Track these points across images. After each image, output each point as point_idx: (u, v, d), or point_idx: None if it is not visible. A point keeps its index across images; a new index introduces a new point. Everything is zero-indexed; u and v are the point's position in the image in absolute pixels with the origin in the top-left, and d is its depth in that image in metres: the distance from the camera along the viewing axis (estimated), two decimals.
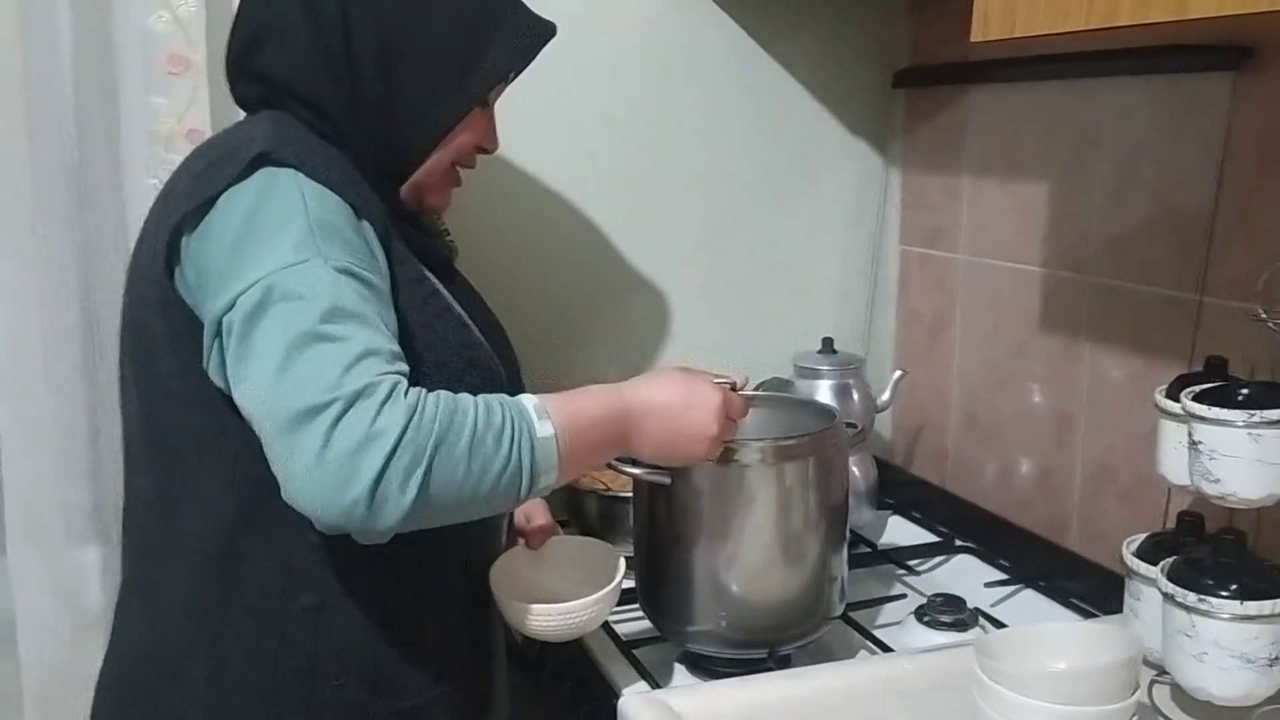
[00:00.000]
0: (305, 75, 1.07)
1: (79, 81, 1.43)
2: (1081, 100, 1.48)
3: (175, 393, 1.04)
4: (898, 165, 1.87)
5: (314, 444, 0.89)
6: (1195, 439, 1.06)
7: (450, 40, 1.09)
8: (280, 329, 0.92)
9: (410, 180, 1.14)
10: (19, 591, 1.49)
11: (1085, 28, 0.97)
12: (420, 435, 0.91)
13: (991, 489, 1.68)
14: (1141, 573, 1.13)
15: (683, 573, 1.24)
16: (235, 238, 0.97)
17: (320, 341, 0.92)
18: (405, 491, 0.90)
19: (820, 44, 1.80)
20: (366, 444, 0.89)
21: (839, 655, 1.31)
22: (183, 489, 1.06)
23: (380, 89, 1.08)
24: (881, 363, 1.88)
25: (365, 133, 1.09)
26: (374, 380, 0.92)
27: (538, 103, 1.68)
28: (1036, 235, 1.58)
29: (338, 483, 0.89)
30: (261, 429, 0.93)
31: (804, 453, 1.22)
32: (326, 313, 0.93)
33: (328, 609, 1.06)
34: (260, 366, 0.92)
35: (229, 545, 1.05)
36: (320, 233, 0.97)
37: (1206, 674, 1.02)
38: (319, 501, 0.90)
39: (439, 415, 0.93)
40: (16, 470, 1.47)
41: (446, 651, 1.14)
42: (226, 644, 1.06)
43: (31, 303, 1.44)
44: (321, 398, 0.89)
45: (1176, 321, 1.34)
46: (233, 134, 1.08)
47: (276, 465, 0.92)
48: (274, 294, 0.93)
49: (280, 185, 0.99)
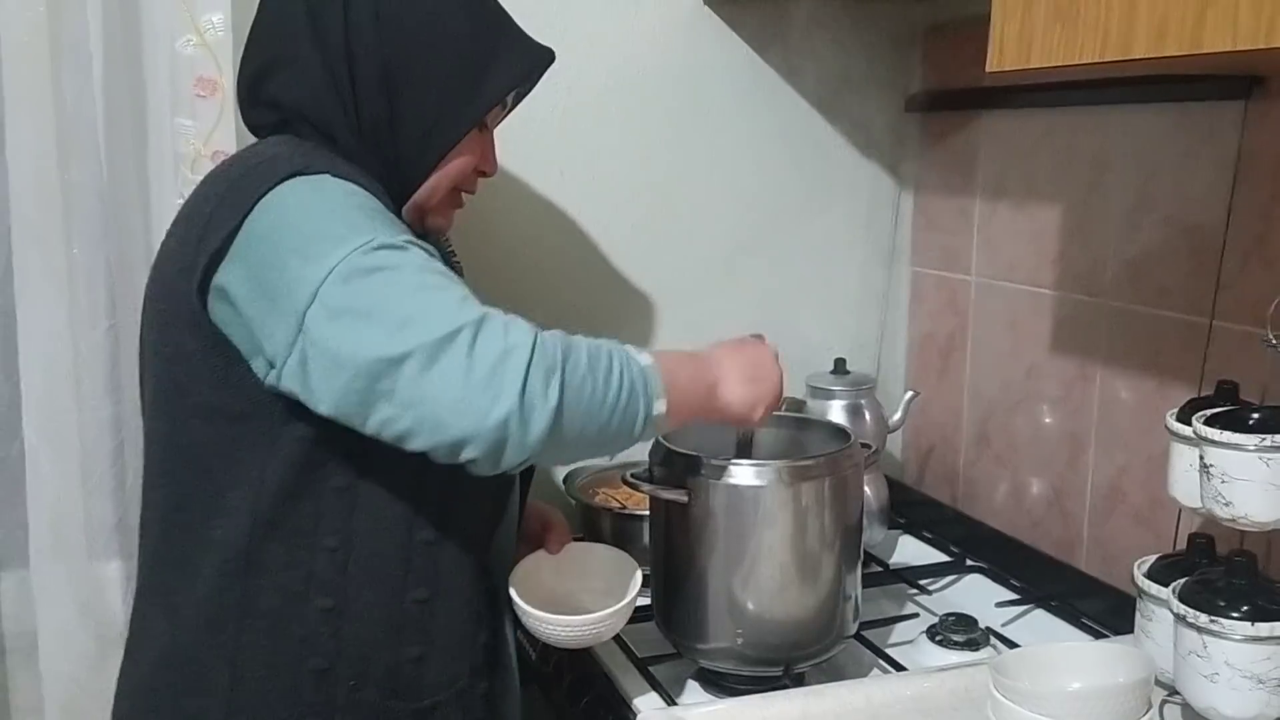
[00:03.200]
0: (315, 101, 1.12)
1: (109, 104, 1.45)
2: (1094, 126, 1.50)
3: (207, 407, 1.07)
4: (911, 188, 1.89)
5: (457, 367, 0.94)
6: (1207, 462, 1.07)
7: (451, 67, 1.14)
8: (382, 292, 0.97)
9: (411, 201, 1.18)
10: (42, 605, 1.51)
11: (1100, 59, 0.99)
12: (548, 348, 0.98)
13: (1003, 509, 1.70)
14: (1153, 593, 1.14)
15: (699, 591, 1.25)
16: (290, 238, 1.00)
17: (424, 290, 0.98)
18: (549, 397, 0.96)
19: (835, 69, 1.83)
20: (506, 356, 0.95)
21: (852, 674, 1.32)
22: (209, 499, 1.08)
23: (384, 113, 1.13)
24: (894, 383, 1.90)
25: (372, 155, 1.13)
26: (488, 310, 0.99)
27: (556, 129, 1.71)
28: (1049, 258, 1.59)
29: (489, 396, 0.94)
30: (384, 386, 0.95)
31: (820, 473, 1.24)
32: (417, 270, 0.99)
33: (346, 612, 1.09)
34: (373, 328, 0.95)
35: (250, 553, 1.07)
36: (374, 217, 1.02)
37: (1218, 695, 1.03)
38: (474, 419, 0.94)
39: (558, 338, 1.00)
40: (42, 485, 1.49)
41: (461, 653, 1.15)
42: (247, 648, 1.08)
43: (63, 321, 1.47)
44: (449, 326, 0.95)
45: (1188, 345, 1.35)
46: (250, 155, 1.12)
47: (414, 409, 0.95)
48: (356, 274, 0.97)
49: (320, 186, 1.04)
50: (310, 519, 1.07)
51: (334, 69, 1.11)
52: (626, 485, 1.29)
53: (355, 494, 1.08)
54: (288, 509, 1.07)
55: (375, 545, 1.09)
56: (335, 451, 1.06)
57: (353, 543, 1.09)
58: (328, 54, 1.12)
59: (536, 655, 1.54)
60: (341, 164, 1.08)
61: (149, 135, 1.48)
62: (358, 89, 1.12)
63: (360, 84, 1.12)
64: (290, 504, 1.07)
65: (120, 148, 1.47)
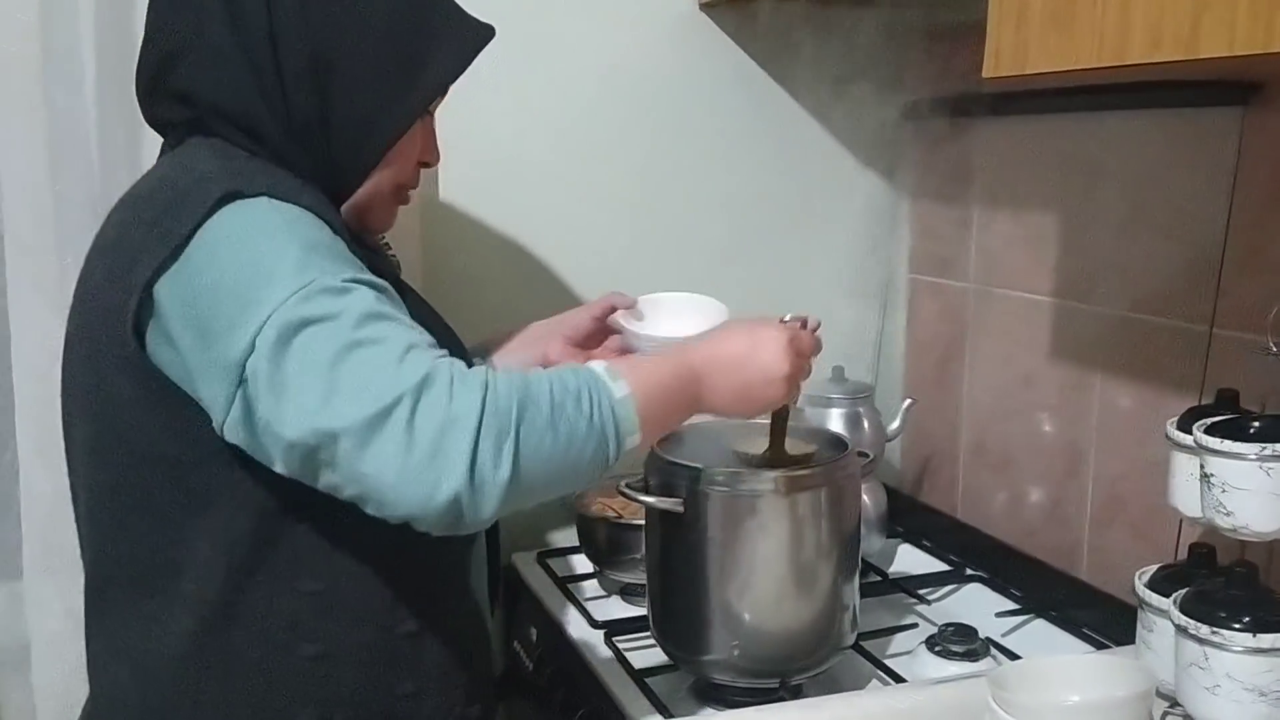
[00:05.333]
0: (233, 94, 1.00)
1: (101, 113, 1.45)
2: (1091, 133, 1.49)
3: (157, 456, 0.99)
4: (907, 195, 1.89)
5: (396, 445, 0.86)
6: (1207, 471, 1.06)
7: (387, 51, 1.03)
8: (314, 353, 0.88)
9: (351, 202, 1.08)
10: (34, 616, 1.50)
11: (1096, 65, 0.98)
12: (500, 410, 0.89)
13: (1002, 518, 1.69)
14: (1154, 604, 1.13)
15: (695, 602, 1.24)
16: (228, 279, 0.91)
17: (359, 348, 0.88)
18: (499, 468, 0.88)
19: (831, 76, 1.82)
20: (449, 428, 0.87)
21: (850, 685, 1.31)
22: (175, 552, 1.00)
23: (315, 107, 1.02)
24: (891, 391, 1.89)
25: (302, 154, 1.03)
26: (431, 368, 0.89)
27: (548, 135, 1.70)
28: (1046, 265, 1.59)
29: (432, 476, 0.86)
30: (324, 457, 0.88)
31: (817, 483, 1.23)
32: (356, 322, 0.90)
33: (334, 656, 1.04)
34: (303, 395, 0.87)
35: (228, 605, 1.01)
36: (314, 252, 0.93)
37: (1220, 707, 1.02)
38: (418, 501, 0.87)
39: (513, 389, 0.91)
40: (35, 496, 1.48)
41: (455, 681, 1.12)
42: (235, 705, 1.02)
43: (55, 332, 1.45)
44: (387, 398, 0.86)
45: (1187, 353, 1.34)
46: (177, 173, 1.00)
47: (357, 484, 0.88)
48: (293, 324, 0.88)
49: (258, 215, 0.95)
50: (288, 564, 1.01)
51: (255, 57, 0.99)
52: (622, 495, 1.28)
53: (333, 534, 1.02)
54: (263, 555, 1.01)
55: (358, 584, 1.04)
56: (304, 492, 0.95)
57: (337, 584, 1.03)
58: (247, 38, 0.99)
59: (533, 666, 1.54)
60: (282, 176, 0.99)
61: (142, 145, 1.46)
62: (285, 81, 1.00)
63: (287, 75, 1.00)
64: (266, 550, 1.01)
65: (113, 158, 1.46)
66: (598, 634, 1.42)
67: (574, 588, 1.57)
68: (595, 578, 1.63)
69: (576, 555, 1.65)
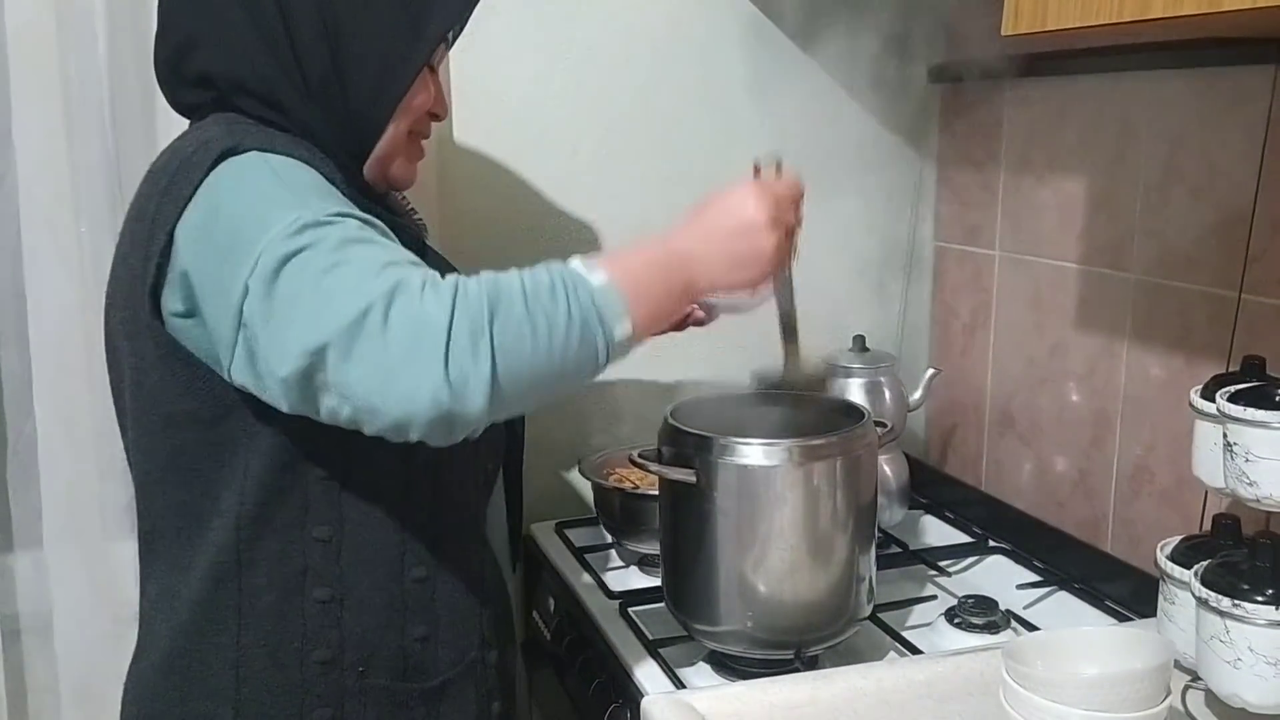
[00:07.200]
0: (253, 69, 1.05)
1: (116, 82, 1.45)
2: (1121, 95, 1.45)
3: (181, 414, 1.04)
4: (934, 161, 1.85)
5: (374, 349, 0.88)
6: (1231, 440, 1.03)
7: (390, 7, 1.07)
8: (297, 282, 0.91)
9: (373, 156, 1.12)
10: (56, 586, 1.52)
11: (1117, 20, 0.95)
12: (470, 306, 0.89)
13: (1027, 489, 1.66)
14: (1175, 576, 1.11)
15: (709, 572, 1.23)
16: (220, 231, 0.96)
17: (337, 268, 0.91)
18: (478, 363, 0.88)
19: (856, 39, 1.78)
20: (421, 328, 0.88)
21: (867, 656, 1.30)
22: (204, 503, 1.06)
23: (330, 68, 1.06)
24: (916, 360, 1.86)
25: (323, 115, 1.07)
26: (403, 275, 0.91)
27: (568, 106, 1.68)
28: (1075, 231, 1.55)
29: (412, 375, 0.88)
30: (319, 380, 0.91)
31: (832, 452, 1.21)
32: (334, 246, 0.92)
33: (345, 601, 1.07)
34: (291, 324, 0.90)
35: (242, 551, 1.05)
36: (302, 193, 0.97)
37: (1241, 680, 1.00)
38: (404, 404, 0.88)
39: (483, 287, 0.91)
40: (55, 466, 1.49)
41: (467, 628, 1.14)
42: (249, 646, 1.06)
43: (75, 300, 1.47)
44: (361, 303, 0.88)
45: (1217, 319, 1.31)
46: (186, 143, 1.05)
47: (348, 398, 0.90)
48: (279, 259, 0.91)
49: (249, 167, 0.98)
50: (299, 511, 1.05)
51: (268, 32, 1.04)
52: (634, 465, 1.26)
53: (342, 481, 1.06)
54: (275, 504, 1.05)
55: (367, 531, 1.07)
56: (316, 441, 1.02)
57: (344, 531, 1.07)
58: (260, 17, 1.04)
59: (550, 636, 1.54)
60: (280, 138, 1.03)
61: (156, 113, 1.47)
62: (298, 49, 1.05)
63: (300, 43, 1.05)
64: (277, 499, 1.05)
65: (128, 126, 1.47)
66: (613, 604, 1.41)
67: (592, 558, 1.57)
68: (614, 548, 1.62)
69: (595, 526, 1.64)
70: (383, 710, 1.09)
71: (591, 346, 0.94)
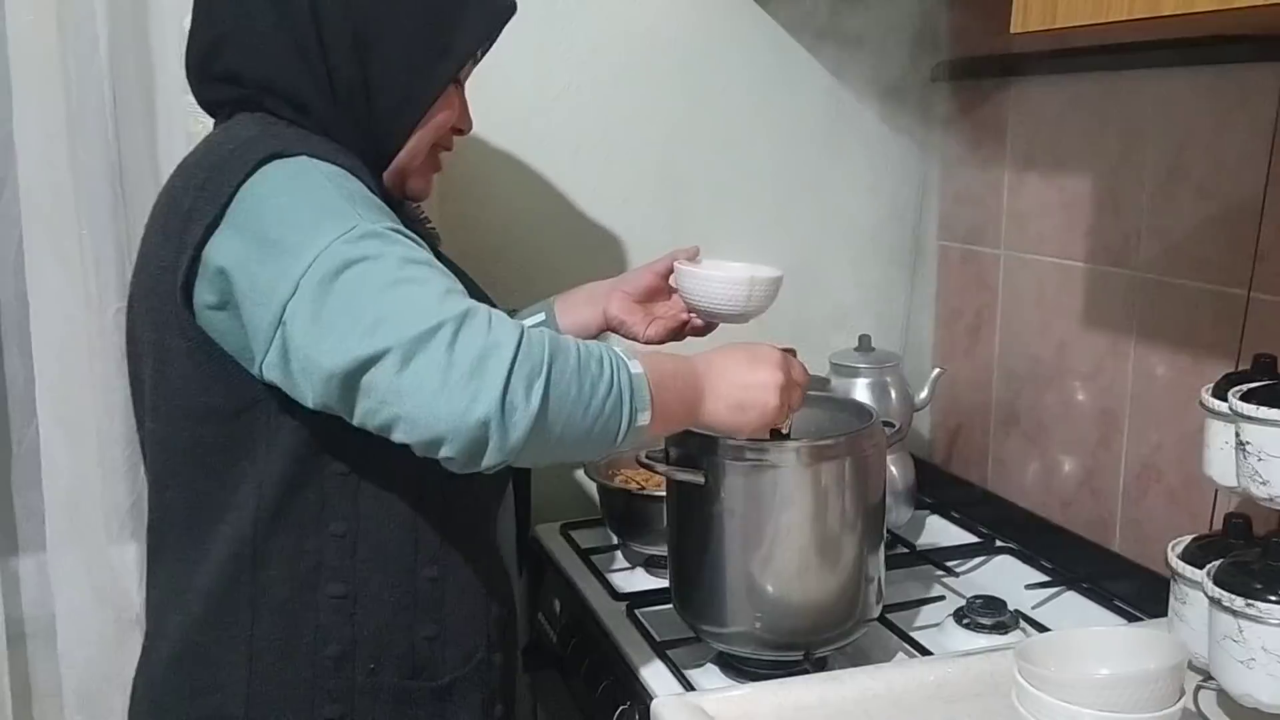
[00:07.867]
0: (280, 71, 1.07)
1: (117, 84, 1.44)
2: (1127, 92, 1.45)
3: (203, 407, 1.05)
4: (938, 159, 1.85)
5: (437, 363, 0.91)
6: (1242, 439, 1.03)
7: (421, 22, 1.10)
8: (359, 288, 0.94)
9: (393, 166, 1.14)
10: (59, 589, 1.51)
11: (1128, 17, 0.95)
12: (533, 349, 0.94)
13: (1033, 489, 1.65)
14: (1187, 576, 1.10)
15: (717, 574, 1.22)
16: (271, 228, 0.97)
17: (404, 285, 0.94)
18: (530, 400, 0.92)
19: (860, 38, 1.78)
20: (488, 354, 0.92)
21: (876, 658, 1.29)
22: (220, 497, 1.07)
23: (358, 77, 1.08)
24: (920, 360, 1.86)
25: (348, 122, 1.09)
26: (471, 304, 0.95)
27: (569, 105, 1.68)
28: (1080, 230, 1.55)
29: (468, 395, 0.91)
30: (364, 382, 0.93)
31: (840, 453, 1.21)
32: (399, 263, 0.95)
33: (358, 597, 1.08)
34: (346, 328, 0.93)
35: (257, 545, 1.06)
36: (356, 202, 0.99)
37: (1254, 680, 0.99)
38: (453, 417, 0.91)
39: (545, 337, 0.97)
40: (58, 469, 1.48)
41: (476, 628, 1.15)
42: (261, 640, 1.07)
43: (77, 303, 1.46)
44: (431, 321, 0.92)
45: (1225, 318, 1.31)
46: (224, 140, 1.07)
47: (393, 404, 0.92)
48: (339, 263, 0.94)
49: (300, 170, 1.01)
50: (315, 507, 1.06)
51: (300, 37, 1.07)
52: (641, 466, 1.26)
53: (358, 479, 1.07)
54: (291, 499, 1.06)
55: (382, 528, 1.09)
56: (334, 439, 1.04)
57: (359, 528, 1.08)
58: (292, 21, 1.07)
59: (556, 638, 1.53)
60: (318, 142, 1.05)
61: (158, 115, 1.47)
62: (329, 56, 1.07)
63: (331, 50, 1.07)
64: (294, 494, 1.06)
65: (129, 128, 1.46)
66: (620, 606, 1.41)
67: (598, 560, 1.56)
68: (620, 549, 1.61)
69: (601, 527, 1.64)
70: (391, 708, 1.10)
71: (617, 421, 0.99)
